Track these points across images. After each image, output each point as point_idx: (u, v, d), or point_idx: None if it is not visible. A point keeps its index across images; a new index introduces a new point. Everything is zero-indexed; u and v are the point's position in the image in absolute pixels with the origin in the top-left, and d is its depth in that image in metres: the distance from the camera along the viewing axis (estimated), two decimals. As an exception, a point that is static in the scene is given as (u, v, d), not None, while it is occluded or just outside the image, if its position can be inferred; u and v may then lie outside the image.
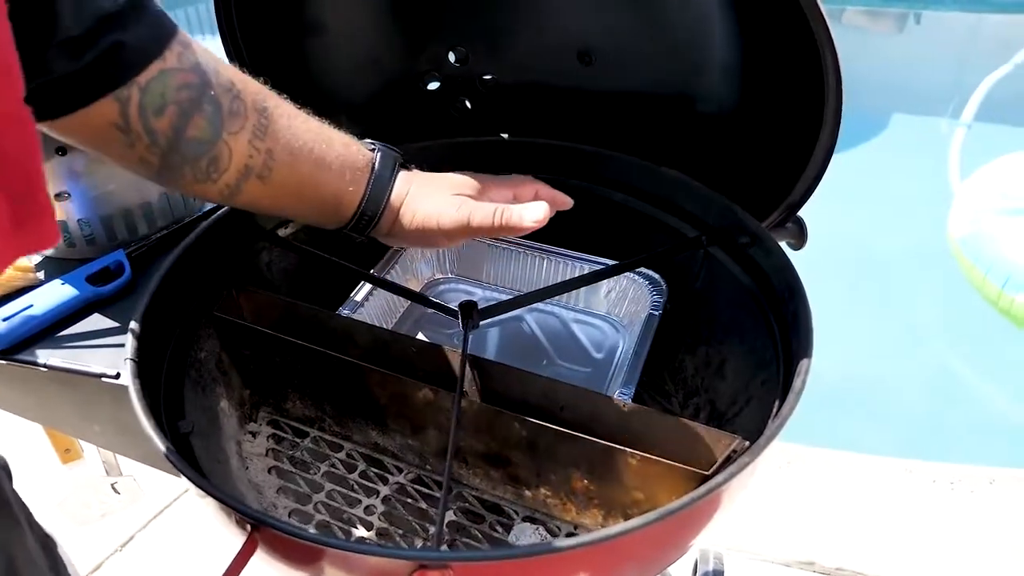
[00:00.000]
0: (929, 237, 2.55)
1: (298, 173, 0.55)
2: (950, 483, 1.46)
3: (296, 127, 0.55)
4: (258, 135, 0.52)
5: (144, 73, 0.47)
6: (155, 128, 0.48)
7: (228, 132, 0.51)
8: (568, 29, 0.75)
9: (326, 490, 0.66)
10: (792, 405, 0.50)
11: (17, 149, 0.31)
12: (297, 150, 0.54)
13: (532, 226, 0.57)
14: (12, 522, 0.38)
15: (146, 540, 1.39)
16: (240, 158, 0.52)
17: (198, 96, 0.49)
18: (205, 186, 0.52)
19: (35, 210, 0.32)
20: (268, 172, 0.54)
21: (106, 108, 0.46)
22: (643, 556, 0.51)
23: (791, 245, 0.71)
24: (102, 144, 0.49)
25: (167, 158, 0.50)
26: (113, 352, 0.69)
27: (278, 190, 0.55)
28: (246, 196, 0.54)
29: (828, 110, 0.61)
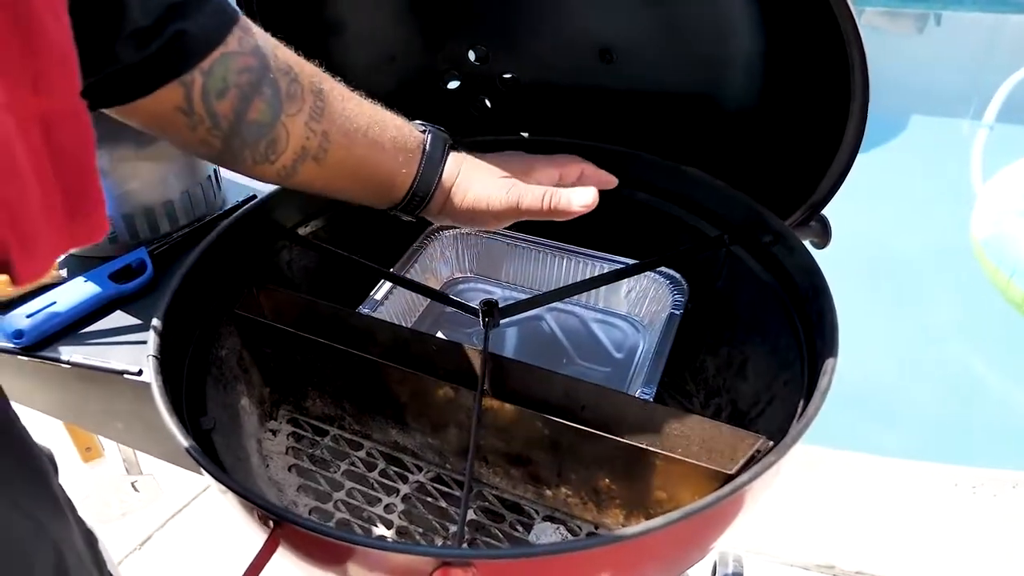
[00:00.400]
0: (951, 238, 2.52)
1: (353, 155, 0.56)
2: (972, 487, 1.44)
3: (350, 109, 0.56)
4: (314, 117, 0.53)
5: (207, 58, 0.47)
6: (217, 111, 0.49)
7: (286, 114, 0.52)
8: (589, 27, 0.75)
9: (346, 488, 0.66)
10: (818, 405, 0.50)
11: (73, 143, 0.31)
12: (352, 132, 0.55)
13: (580, 210, 0.60)
14: (61, 515, 0.39)
15: (165, 539, 1.40)
16: (297, 140, 0.53)
17: (258, 79, 0.50)
18: (263, 167, 0.54)
19: (88, 202, 0.33)
20: (323, 154, 0.55)
21: (171, 93, 0.47)
22: (665, 556, 0.50)
23: (814, 244, 0.70)
24: (166, 127, 0.50)
25: (228, 141, 0.51)
26: (135, 349, 0.69)
27: (333, 171, 0.56)
28: (301, 177, 0.56)
29: (854, 107, 0.60)
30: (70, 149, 0.31)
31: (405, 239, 0.84)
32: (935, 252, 2.57)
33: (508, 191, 0.59)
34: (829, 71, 0.60)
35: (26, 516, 0.35)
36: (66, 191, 0.31)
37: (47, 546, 0.36)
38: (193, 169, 0.86)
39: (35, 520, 0.35)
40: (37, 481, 0.38)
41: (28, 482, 0.37)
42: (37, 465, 0.39)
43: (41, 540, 0.36)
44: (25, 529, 0.35)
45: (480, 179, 0.61)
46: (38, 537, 0.36)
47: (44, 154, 0.30)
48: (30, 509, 0.35)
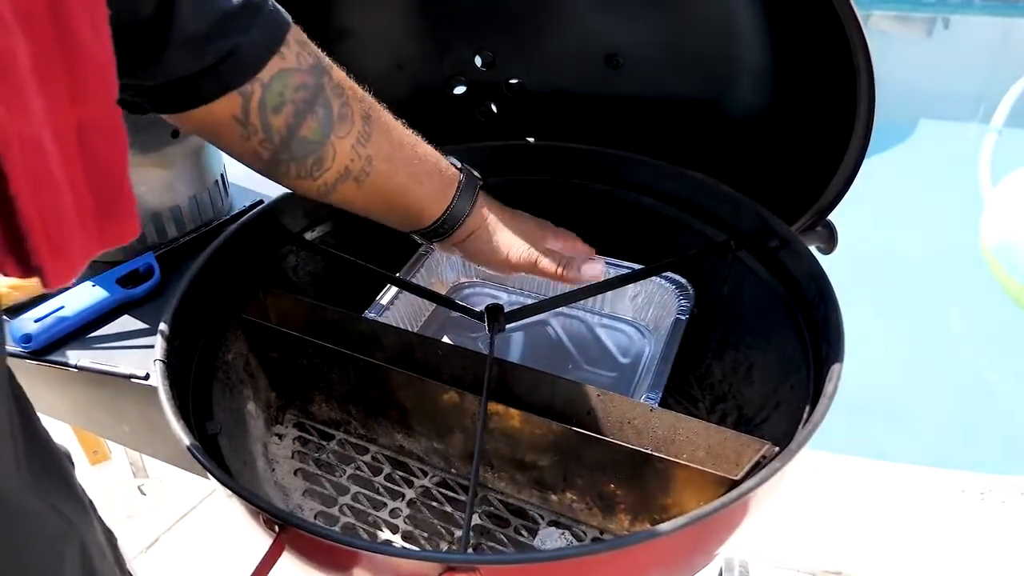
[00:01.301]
0: (959, 243, 2.51)
1: (391, 181, 0.58)
2: (980, 493, 1.43)
3: (394, 138, 0.58)
4: (361, 141, 0.55)
5: (266, 70, 0.49)
6: (272, 124, 0.51)
7: (336, 135, 0.53)
8: (595, 33, 0.75)
9: (351, 493, 0.66)
10: (824, 410, 0.49)
11: (106, 149, 0.32)
12: (393, 160, 0.57)
13: (588, 280, 0.66)
14: (85, 512, 0.39)
15: (171, 542, 1.40)
16: (342, 160, 0.55)
17: (313, 98, 0.52)
18: (305, 182, 0.55)
19: (120, 207, 0.33)
20: (365, 176, 0.56)
21: (229, 102, 0.48)
22: (670, 562, 0.50)
23: (821, 249, 0.70)
24: (220, 134, 0.51)
25: (278, 153, 0.52)
26: (143, 353, 0.70)
27: (370, 194, 0.58)
28: (339, 195, 0.57)
29: (860, 113, 0.60)
30: (103, 155, 0.32)
31: (411, 244, 0.83)
32: (943, 257, 2.56)
33: (530, 249, 0.64)
34: (835, 76, 0.60)
35: (57, 513, 0.35)
36: (98, 196, 0.32)
37: (75, 541, 0.37)
38: (200, 174, 0.86)
39: (64, 517, 0.36)
40: (61, 480, 0.39)
41: (55, 480, 0.38)
42: (60, 464, 0.39)
43: (70, 536, 0.36)
44: (57, 525, 0.35)
45: (505, 229, 0.65)
46: (68, 533, 0.36)
47: (77, 160, 0.31)
48: (59, 506, 0.36)
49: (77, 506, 0.39)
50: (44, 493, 0.35)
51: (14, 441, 0.32)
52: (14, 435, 0.32)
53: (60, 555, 0.35)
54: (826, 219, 0.70)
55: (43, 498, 0.35)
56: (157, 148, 0.80)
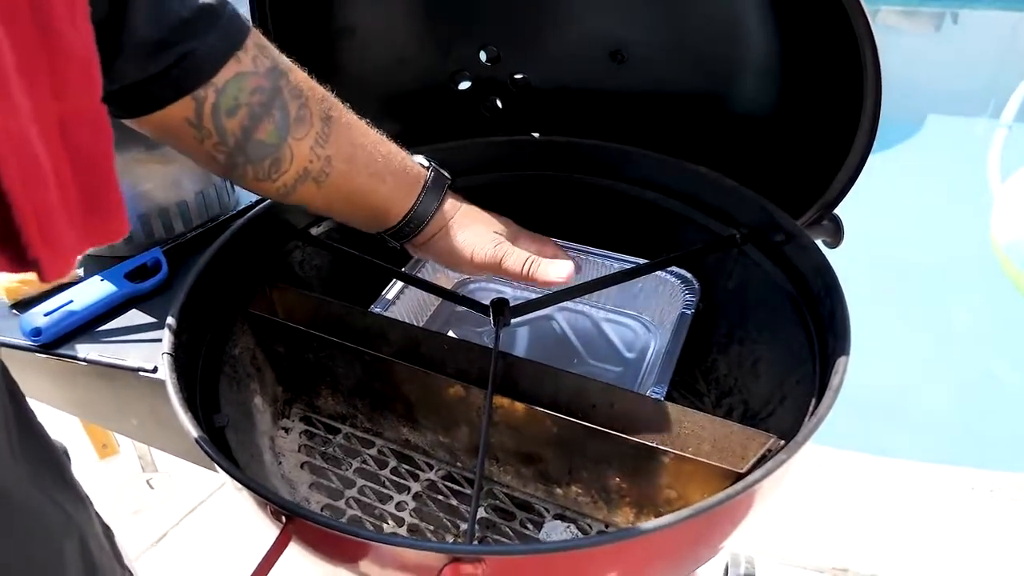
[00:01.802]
0: (967, 238, 2.50)
1: (352, 181, 0.58)
2: (989, 490, 1.43)
3: (355, 138, 0.58)
4: (320, 142, 0.55)
5: (220, 74, 0.49)
6: (226, 127, 0.51)
7: (293, 137, 0.53)
8: (600, 28, 0.75)
9: (358, 486, 0.66)
10: (830, 403, 0.49)
11: (91, 146, 0.33)
12: (354, 159, 0.57)
13: (555, 281, 0.63)
14: (81, 502, 0.40)
15: (179, 536, 1.41)
16: (300, 162, 0.55)
17: (269, 101, 0.52)
18: (263, 184, 0.55)
19: (106, 204, 0.34)
20: (324, 177, 0.56)
21: (182, 106, 0.49)
22: (675, 554, 0.50)
23: (827, 243, 0.70)
24: (173, 137, 0.52)
25: (233, 156, 0.52)
26: (150, 347, 0.70)
27: (331, 194, 0.58)
28: (298, 196, 0.57)
29: (866, 106, 0.60)
30: (87, 150, 0.32)
31: (417, 239, 0.84)
32: (951, 253, 2.55)
33: (495, 247, 0.63)
34: (842, 70, 0.60)
35: (55, 505, 0.36)
36: (83, 191, 0.32)
37: (74, 534, 0.37)
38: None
39: (63, 509, 0.36)
40: (58, 473, 0.39)
41: (52, 473, 0.38)
42: (57, 458, 0.40)
43: (69, 528, 0.37)
44: (56, 517, 0.36)
45: (473, 228, 0.64)
46: (67, 525, 0.37)
47: (62, 155, 0.31)
48: (57, 499, 0.36)
49: (75, 499, 0.40)
50: (42, 485, 0.36)
51: (8, 433, 0.32)
52: (8, 427, 0.33)
53: (60, 547, 0.36)
54: (832, 213, 0.70)
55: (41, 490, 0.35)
56: (163, 145, 0.81)
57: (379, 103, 0.87)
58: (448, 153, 0.81)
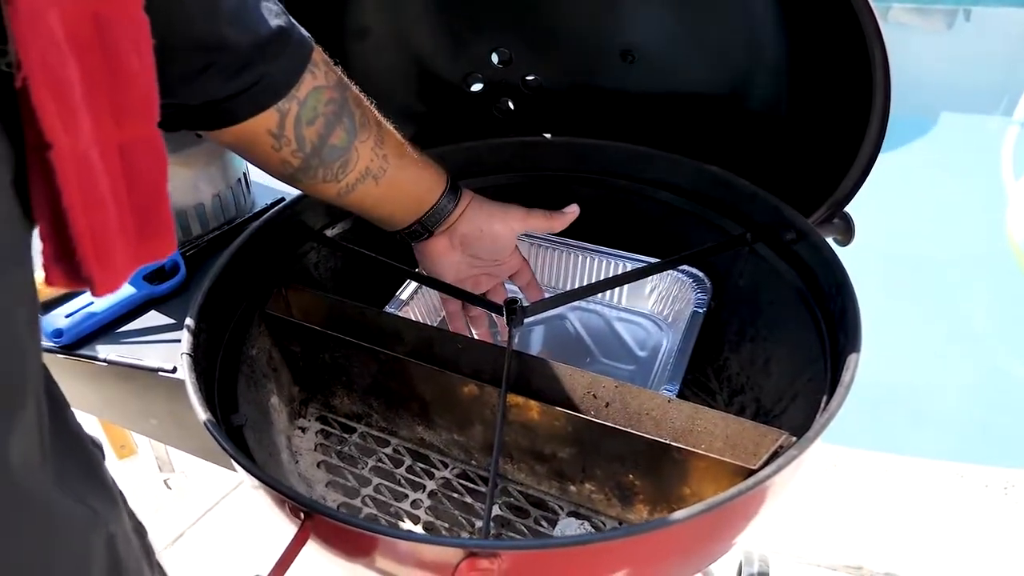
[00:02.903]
0: (981, 236, 2.49)
1: (405, 171, 0.64)
2: (1003, 488, 1.42)
3: (399, 138, 0.64)
4: (378, 143, 0.61)
5: (302, 88, 0.54)
6: (304, 136, 0.56)
7: (359, 141, 0.59)
8: (610, 28, 0.75)
9: (373, 484, 0.67)
10: (841, 399, 0.50)
11: (148, 170, 0.34)
12: (403, 154, 0.64)
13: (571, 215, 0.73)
14: (112, 500, 0.40)
15: (197, 536, 1.42)
16: (364, 162, 0.60)
17: (340, 110, 0.57)
18: (329, 185, 0.60)
19: (158, 225, 0.35)
20: (383, 173, 0.62)
21: (265, 118, 0.53)
22: (688, 549, 0.51)
23: (838, 241, 0.70)
24: (249, 144, 0.56)
25: (308, 160, 0.57)
26: (169, 348, 0.71)
27: (386, 188, 0.63)
28: (357, 194, 0.62)
29: (876, 106, 0.60)
30: (145, 175, 0.34)
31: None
32: (964, 249, 2.53)
33: (516, 205, 0.72)
34: (852, 68, 0.60)
35: (83, 504, 0.36)
36: (138, 213, 0.34)
37: (101, 533, 0.38)
38: (224, 173, 0.87)
39: (91, 508, 0.37)
40: (91, 471, 0.40)
41: (84, 472, 0.39)
42: (90, 456, 0.40)
43: (97, 527, 0.37)
44: (83, 517, 0.36)
45: (490, 201, 0.71)
46: (94, 524, 0.37)
47: (120, 179, 0.33)
48: (86, 498, 0.37)
49: (105, 497, 0.40)
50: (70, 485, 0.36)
51: (41, 437, 0.33)
52: (42, 431, 0.33)
53: (86, 546, 0.36)
54: (843, 211, 0.70)
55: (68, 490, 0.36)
56: (181, 148, 0.82)
57: (392, 105, 0.87)
58: (461, 154, 0.82)
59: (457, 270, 0.72)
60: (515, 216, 0.71)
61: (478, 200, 0.70)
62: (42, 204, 0.30)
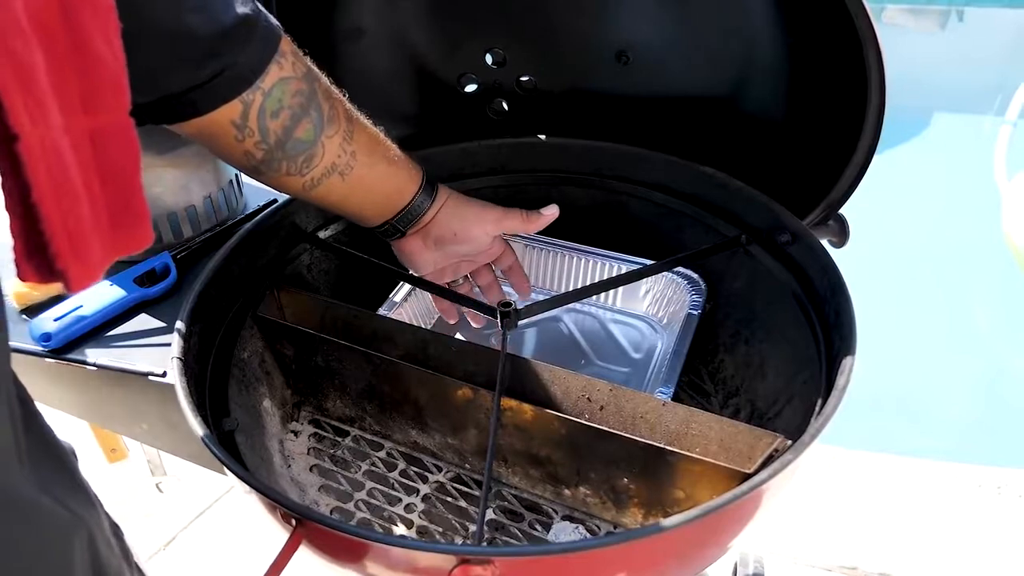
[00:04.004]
0: (973, 236, 2.50)
1: (374, 169, 0.63)
2: (997, 487, 1.42)
3: (371, 134, 0.63)
4: (347, 139, 0.60)
5: (267, 79, 0.53)
6: (269, 128, 0.55)
7: (326, 135, 0.58)
8: (605, 29, 0.75)
9: (367, 488, 0.67)
10: (836, 403, 0.50)
11: (120, 159, 0.33)
12: (374, 151, 0.63)
13: (549, 216, 0.75)
14: (89, 503, 0.40)
15: (189, 540, 1.41)
16: (330, 157, 0.59)
17: (307, 102, 0.56)
18: (293, 179, 0.59)
19: (133, 214, 0.35)
20: (349, 170, 0.61)
21: (229, 109, 0.52)
22: (683, 554, 0.51)
23: (832, 243, 0.70)
24: (211, 136, 0.54)
25: (271, 153, 0.56)
26: (160, 351, 0.70)
27: (353, 184, 0.63)
28: (322, 189, 0.61)
29: (871, 107, 0.60)
30: (117, 163, 0.33)
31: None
32: (958, 250, 2.54)
33: (493, 205, 0.72)
34: (847, 70, 0.60)
35: (63, 507, 0.36)
36: (112, 203, 0.33)
37: (83, 535, 0.37)
38: (215, 174, 0.87)
39: (71, 511, 0.37)
40: (66, 474, 0.40)
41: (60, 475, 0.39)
42: (66, 460, 0.40)
43: (78, 529, 0.37)
44: (63, 520, 0.36)
45: (466, 198, 0.72)
46: (75, 526, 0.37)
47: (92, 169, 0.32)
48: (65, 501, 0.37)
49: (83, 500, 0.40)
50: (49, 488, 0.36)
51: (16, 439, 0.33)
52: (16, 433, 0.33)
53: (68, 548, 0.36)
54: (838, 213, 0.70)
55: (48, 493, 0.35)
56: (172, 149, 0.81)
57: (386, 105, 0.87)
58: (455, 155, 0.81)
59: (434, 263, 0.73)
60: (491, 218, 0.71)
61: (454, 200, 0.70)
62: (12, 198, 0.29)
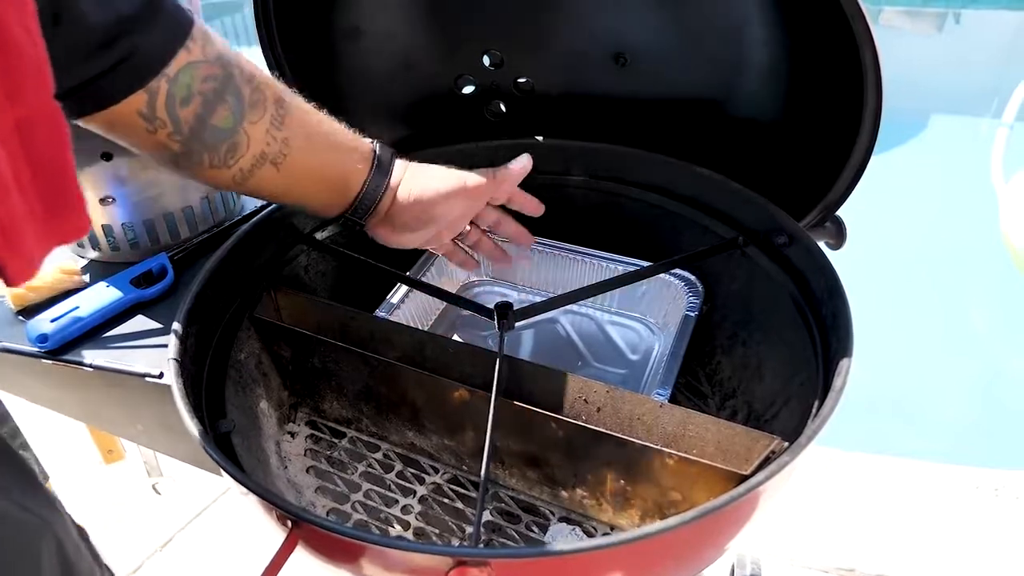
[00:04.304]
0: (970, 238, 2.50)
1: (313, 157, 0.59)
2: (994, 489, 1.42)
3: (310, 117, 0.59)
4: (275, 124, 0.56)
5: (173, 65, 0.49)
6: (180, 116, 0.51)
7: (248, 121, 0.54)
8: (603, 30, 0.75)
9: (363, 490, 0.67)
10: (832, 405, 0.50)
11: (49, 146, 0.33)
12: (312, 136, 0.59)
13: (519, 170, 0.70)
14: (53, 507, 0.40)
15: (186, 541, 1.41)
16: (257, 145, 0.55)
17: (222, 88, 0.52)
18: (220, 171, 0.55)
19: (67, 203, 0.34)
20: (282, 158, 0.57)
21: (134, 99, 0.49)
22: (680, 556, 0.50)
23: (829, 245, 0.70)
24: (123, 130, 0.51)
25: (188, 144, 0.53)
26: (156, 352, 0.70)
27: (291, 174, 0.58)
28: (256, 181, 0.57)
29: (867, 109, 0.60)
30: (47, 152, 0.33)
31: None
32: (955, 253, 2.54)
33: (455, 174, 0.66)
34: (843, 72, 0.60)
35: (28, 512, 0.36)
36: (44, 192, 0.33)
37: (50, 538, 0.37)
38: (212, 175, 0.87)
39: (37, 515, 0.37)
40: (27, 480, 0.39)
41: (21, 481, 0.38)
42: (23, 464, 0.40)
43: (44, 532, 0.37)
44: (30, 523, 0.36)
45: (425, 173, 0.66)
46: (41, 530, 0.37)
47: (21, 159, 0.31)
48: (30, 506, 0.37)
49: (46, 504, 0.40)
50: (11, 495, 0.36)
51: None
52: None
53: (36, 552, 0.36)
54: (835, 215, 0.70)
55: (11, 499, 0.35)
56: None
57: (383, 107, 0.87)
58: (453, 157, 0.81)
59: (412, 243, 0.68)
60: (454, 192, 0.65)
61: (411, 178, 0.65)
62: None
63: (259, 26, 0.77)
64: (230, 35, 4.64)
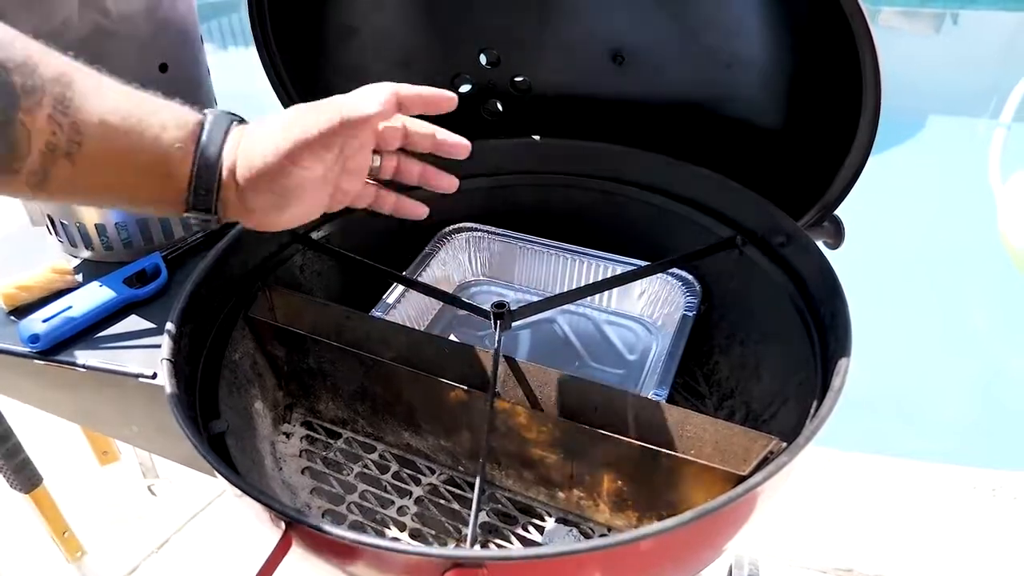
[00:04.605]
0: (968, 238, 2.50)
1: (114, 143, 0.48)
2: (992, 489, 1.42)
3: (109, 98, 0.48)
4: (60, 109, 0.46)
5: None
6: None
7: (23, 111, 0.45)
8: (600, 29, 0.75)
9: (359, 491, 0.66)
10: (831, 405, 0.49)
11: None
12: (108, 116, 0.48)
13: (375, 109, 0.50)
14: None
15: (182, 542, 1.40)
16: (41, 137, 0.46)
17: None
18: (8, 180, 0.47)
19: None
20: (77, 148, 0.47)
21: None
22: (678, 557, 0.50)
23: (828, 244, 0.70)
24: None
25: None
26: (150, 353, 0.70)
27: (92, 168, 0.48)
28: (56, 183, 0.48)
29: (866, 108, 0.60)
30: None
31: (417, 243, 0.84)
32: (953, 252, 2.55)
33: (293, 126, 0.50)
34: (842, 71, 0.60)
35: None
36: None
37: None
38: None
39: None
40: None
41: None
42: None
43: None
44: None
45: (261, 134, 0.51)
46: None
47: None
48: None
49: None
50: None
51: None
52: None
53: None
54: (833, 214, 0.69)
55: None
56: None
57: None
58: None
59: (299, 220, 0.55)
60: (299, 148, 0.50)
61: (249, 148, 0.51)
62: None
63: (254, 26, 0.77)
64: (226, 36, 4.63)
